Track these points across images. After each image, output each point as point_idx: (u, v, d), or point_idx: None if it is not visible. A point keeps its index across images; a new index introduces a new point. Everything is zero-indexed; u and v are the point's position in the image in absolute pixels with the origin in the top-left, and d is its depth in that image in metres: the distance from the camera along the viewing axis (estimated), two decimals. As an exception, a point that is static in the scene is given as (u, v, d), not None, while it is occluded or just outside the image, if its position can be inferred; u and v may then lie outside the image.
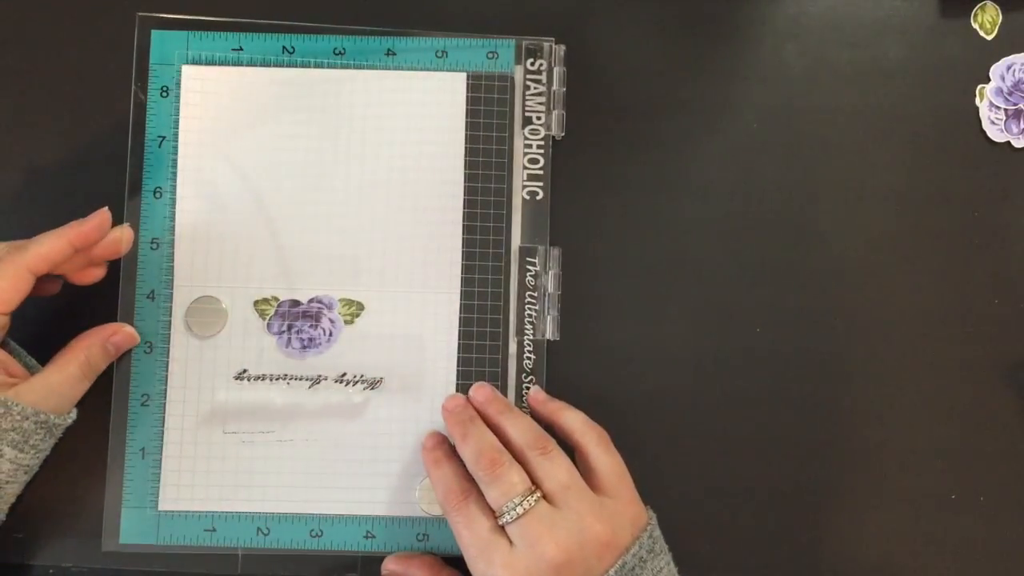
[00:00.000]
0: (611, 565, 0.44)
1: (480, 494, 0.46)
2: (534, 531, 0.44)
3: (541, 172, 0.53)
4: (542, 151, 0.53)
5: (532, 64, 0.53)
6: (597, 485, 0.47)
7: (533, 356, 0.52)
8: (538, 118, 0.53)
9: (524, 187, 0.53)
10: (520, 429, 0.47)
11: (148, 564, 0.51)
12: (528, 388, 0.52)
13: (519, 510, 0.44)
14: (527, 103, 0.53)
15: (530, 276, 0.53)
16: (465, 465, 0.47)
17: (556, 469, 0.46)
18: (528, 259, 0.53)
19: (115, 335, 0.50)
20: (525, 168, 0.53)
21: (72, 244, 0.47)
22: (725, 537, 0.52)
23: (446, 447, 0.49)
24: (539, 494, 0.45)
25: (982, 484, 0.52)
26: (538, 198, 0.53)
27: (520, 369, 0.52)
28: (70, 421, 0.48)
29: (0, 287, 0.46)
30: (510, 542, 0.45)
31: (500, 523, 0.45)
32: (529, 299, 0.53)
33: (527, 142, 0.53)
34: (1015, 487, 0.52)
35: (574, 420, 0.49)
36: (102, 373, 0.50)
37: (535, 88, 0.53)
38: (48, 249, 0.47)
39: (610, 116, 0.54)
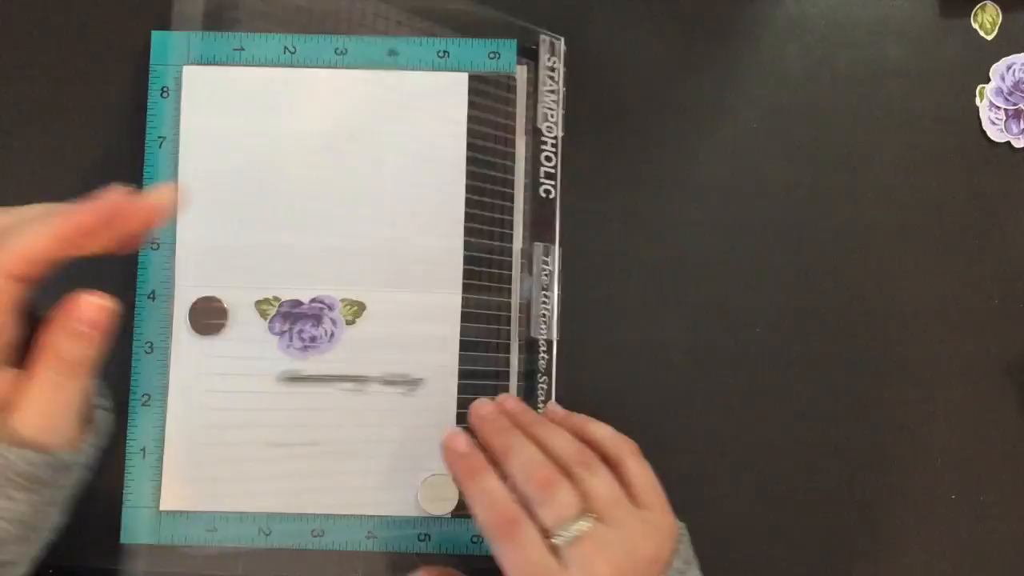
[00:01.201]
0: None
1: (527, 516, 0.43)
2: (589, 553, 0.42)
3: (554, 171, 0.53)
4: (555, 150, 0.53)
5: (549, 60, 0.53)
6: (634, 497, 0.45)
7: (534, 356, 0.52)
8: (551, 115, 0.53)
9: (540, 184, 0.53)
10: (561, 443, 0.45)
11: (149, 564, 0.51)
12: (542, 389, 0.52)
13: (575, 531, 0.42)
14: (542, 99, 0.53)
15: (531, 276, 0.53)
16: (504, 479, 0.45)
17: (603, 485, 0.44)
18: (529, 259, 0.53)
19: (78, 313, 0.39)
20: (541, 166, 0.53)
21: (60, 238, 0.38)
22: (728, 537, 0.52)
23: (481, 456, 0.46)
24: (593, 515, 0.43)
25: (982, 484, 0.52)
26: (551, 196, 0.53)
27: (520, 369, 0.52)
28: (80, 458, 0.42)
29: None
30: (559, 562, 0.42)
31: (552, 542, 0.42)
32: (531, 298, 0.53)
33: (543, 139, 0.53)
34: (1015, 487, 0.52)
35: (604, 432, 0.47)
36: (101, 372, 0.50)
37: (550, 84, 0.53)
38: (30, 248, 0.37)
39: (610, 116, 0.54)
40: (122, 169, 0.53)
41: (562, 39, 0.54)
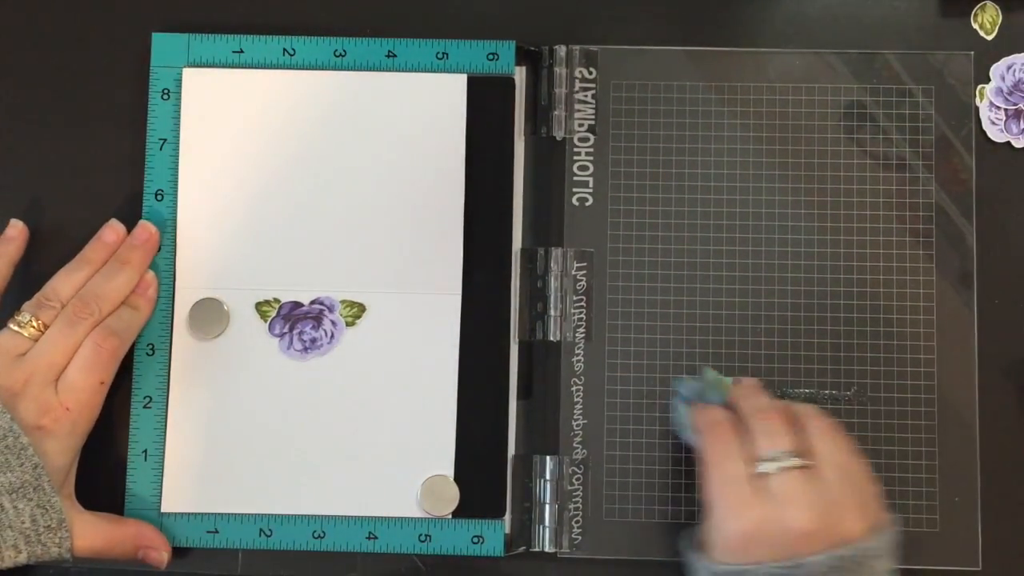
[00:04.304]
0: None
1: (738, 438, 0.45)
2: (791, 489, 0.42)
3: (590, 179, 0.53)
4: (590, 159, 0.53)
5: (589, 71, 0.54)
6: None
7: (535, 357, 0.52)
8: (586, 126, 0.53)
9: (574, 194, 0.53)
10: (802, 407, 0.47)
11: (149, 565, 0.51)
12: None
13: (784, 464, 0.43)
14: (577, 110, 0.53)
15: (531, 277, 0.53)
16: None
17: (834, 450, 0.44)
18: (529, 260, 0.53)
19: (152, 551, 0.49)
20: (574, 175, 0.53)
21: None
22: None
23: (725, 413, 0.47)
24: (808, 461, 0.43)
25: (982, 484, 0.52)
26: (587, 204, 0.53)
27: (520, 370, 0.52)
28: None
29: None
30: (753, 488, 0.43)
31: (756, 471, 0.43)
32: (530, 300, 0.53)
33: (576, 149, 0.53)
34: (1015, 487, 0.52)
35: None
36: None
37: (584, 95, 0.54)
38: None
39: (610, 117, 0.54)
40: (124, 171, 0.53)
41: (599, 49, 0.54)
